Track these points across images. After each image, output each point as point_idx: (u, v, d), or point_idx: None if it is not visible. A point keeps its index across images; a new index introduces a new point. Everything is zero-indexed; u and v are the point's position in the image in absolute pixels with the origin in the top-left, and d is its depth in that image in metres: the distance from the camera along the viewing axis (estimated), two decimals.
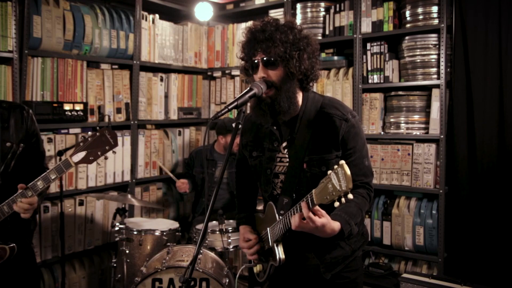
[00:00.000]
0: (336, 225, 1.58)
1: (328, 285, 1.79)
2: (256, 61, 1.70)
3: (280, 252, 1.74)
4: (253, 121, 1.90)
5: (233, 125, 3.64)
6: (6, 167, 2.05)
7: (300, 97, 1.78)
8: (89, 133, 1.99)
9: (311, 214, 1.51)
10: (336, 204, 1.41)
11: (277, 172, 1.82)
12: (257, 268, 1.92)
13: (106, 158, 2.03)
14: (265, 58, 1.67)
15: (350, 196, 1.38)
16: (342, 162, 1.39)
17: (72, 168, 1.99)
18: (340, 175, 1.38)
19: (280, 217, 1.72)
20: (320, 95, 1.83)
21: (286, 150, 1.80)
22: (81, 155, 1.95)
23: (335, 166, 1.40)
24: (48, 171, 1.98)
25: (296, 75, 1.69)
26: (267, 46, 1.66)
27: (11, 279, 2.12)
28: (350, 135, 1.72)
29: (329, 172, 1.42)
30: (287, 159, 1.79)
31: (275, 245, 1.75)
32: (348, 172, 1.36)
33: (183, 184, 3.73)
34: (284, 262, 1.74)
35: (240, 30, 4.15)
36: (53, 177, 1.98)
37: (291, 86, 1.70)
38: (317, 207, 1.52)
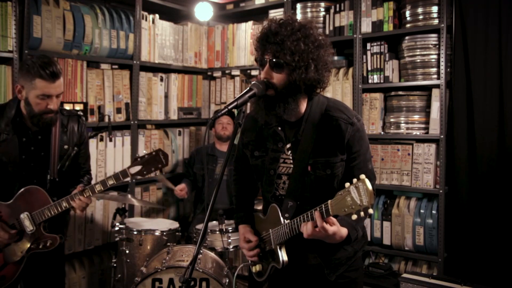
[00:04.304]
0: (344, 231, 1.61)
1: (329, 284, 1.79)
2: (266, 59, 1.68)
3: (283, 255, 1.75)
4: (255, 120, 1.89)
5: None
6: (61, 166, 2.40)
7: (304, 101, 1.77)
8: (144, 151, 2.27)
9: (324, 224, 1.52)
10: (354, 217, 1.42)
11: (280, 173, 1.82)
12: (256, 268, 1.92)
13: (156, 175, 2.34)
14: (272, 60, 1.66)
15: (371, 211, 1.40)
16: (363, 176, 1.40)
17: (128, 178, 2.24)
18: (361, 190, 1.40)
19: (286, 221, 1.72)
20: (324, 97, 1.83)
21: (290, 151, 1.80)
22: (137, 168, 2.23)
23: (355, 180, 1.41)
24: (107, 176, 2.26)
25: (300, 86, 1.67)
26: (276, 50, 1.63)
27: (43, 265, 2.47)
28: (355, 139, 1.72)
29: (347, 184, 1.43)
30: (291, 161, 1.79)
31: (278, 247, 1.76)
32: (370, 187, 1.38)
33: (181, 191, 3.72)
34: (287, 264, 1.75)
35: (240, 30, 4.15)
36: (110, 183, 2.24)
37: (292, 94, 1.68)
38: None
